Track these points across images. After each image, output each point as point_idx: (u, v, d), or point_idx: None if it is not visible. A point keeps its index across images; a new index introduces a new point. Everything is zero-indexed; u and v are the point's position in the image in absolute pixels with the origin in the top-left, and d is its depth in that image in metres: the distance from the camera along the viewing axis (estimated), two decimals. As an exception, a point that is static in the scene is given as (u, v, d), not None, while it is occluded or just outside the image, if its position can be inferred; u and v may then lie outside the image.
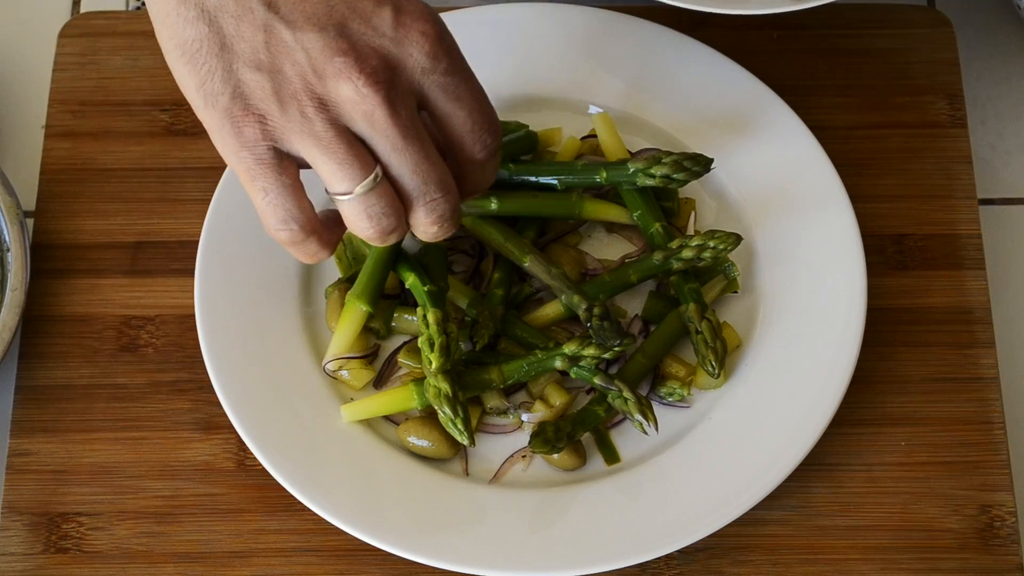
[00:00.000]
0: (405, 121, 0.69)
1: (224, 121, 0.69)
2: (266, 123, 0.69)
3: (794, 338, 0.87)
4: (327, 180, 0.70)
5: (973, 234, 0.93)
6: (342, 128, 0.69)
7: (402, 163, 0.70)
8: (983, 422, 0.88)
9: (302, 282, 0.89)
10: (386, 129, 0.68)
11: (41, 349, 0.89)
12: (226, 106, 0.69)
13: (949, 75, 0.97)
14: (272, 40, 0.68)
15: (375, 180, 0.69)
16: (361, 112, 0.68)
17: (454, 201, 0.72)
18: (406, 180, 0.70)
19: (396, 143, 0.69)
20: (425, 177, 0.70)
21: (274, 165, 0.70)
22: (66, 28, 0.98)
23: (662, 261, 0.87)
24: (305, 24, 0.68)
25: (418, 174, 0.70)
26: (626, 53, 0.94)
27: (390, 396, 0.85)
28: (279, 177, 0.70)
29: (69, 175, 0.94)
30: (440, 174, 0.71)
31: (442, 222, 0.72)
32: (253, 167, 0.70)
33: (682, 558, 0.84)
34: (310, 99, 0.68)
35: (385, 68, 0.68)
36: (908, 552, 0.85)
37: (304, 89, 0.68)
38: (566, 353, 0.83)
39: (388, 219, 0.71)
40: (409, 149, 0.69)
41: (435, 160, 0.70)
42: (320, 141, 0.68)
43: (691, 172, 0.87)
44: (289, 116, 0.68)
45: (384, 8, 0.68)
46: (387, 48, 0.68)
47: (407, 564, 0.83)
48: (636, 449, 0.86)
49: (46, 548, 0.84)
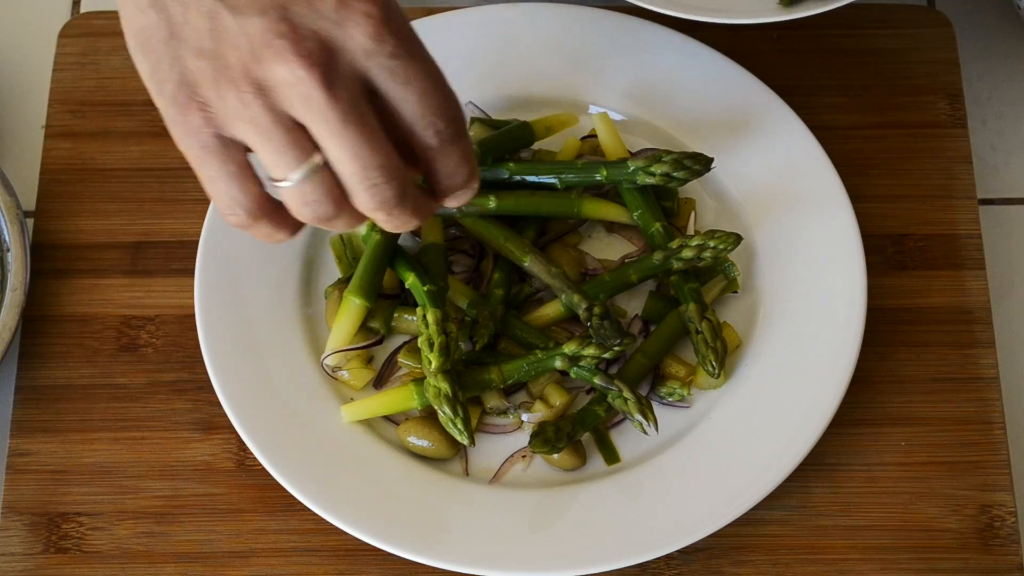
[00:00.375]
0: (344, 105, 0.67)
1: (170, 108, 0.69)
2: (207, 110, 0.68)
3: (794, 338, 0.87)
4: (267, 167, 0.69)
5: (973, 234, 0.93)
6: (280, 113, 0.67)
7: (340, 147, 0.68)
8: (983, 422, 0.88)
9: (302, 282, 0.89)
10: (323, 112, 0.67)
11: (41, 349, 0.89)
12: (172, 93, 0.68)
13: (949, 75, 0.97)
14: (216, 27, 0.67)
15: (313, 167, 0.68)
16: (297, 95, 0.66)
17: (398, 187, 0.69)
18: (344, 165, 0.68)
19: (333, 127, 0.67)
20: (365, 162, 0.68)
21: (218, 152, 0.69)
22: (66, 28, 0.98)
23: (662, 261, 0.87)
24: (248, 9, 0.67)
25: (358, 159, 0.68)
26: (626, 53, 0.94)
27: (390, 396, 0.85)
28: (223, 165, 0.69)
29: (69, 175, 0.94)
30: (383, 159, 0.68)
31: (387, 208, 0.70)
32: (198, 154, 0.69)
33: (682, 558, 0.84)
34: (248, 84, 0.67)
35: (323, 50, 0.66)
36: (908, 552, 0.85)
37: (243, 74, 0.67)
38: (566, 353, 0.83)
39: (325, 206, 0.69)
40: (348, 132, 0.67)
41: (377, 145, 0.68)
42: (257, 127, 0.67)
43: (691, 171, 0.87)
44: (228, 102, 0.67)
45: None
46: (327, 30, 0.66)
47: (407, 564, 0.83)
48: (636, 449, 0.86)
49: (46, 548, 0.84)
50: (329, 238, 0.90)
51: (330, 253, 0.90)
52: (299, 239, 0.89)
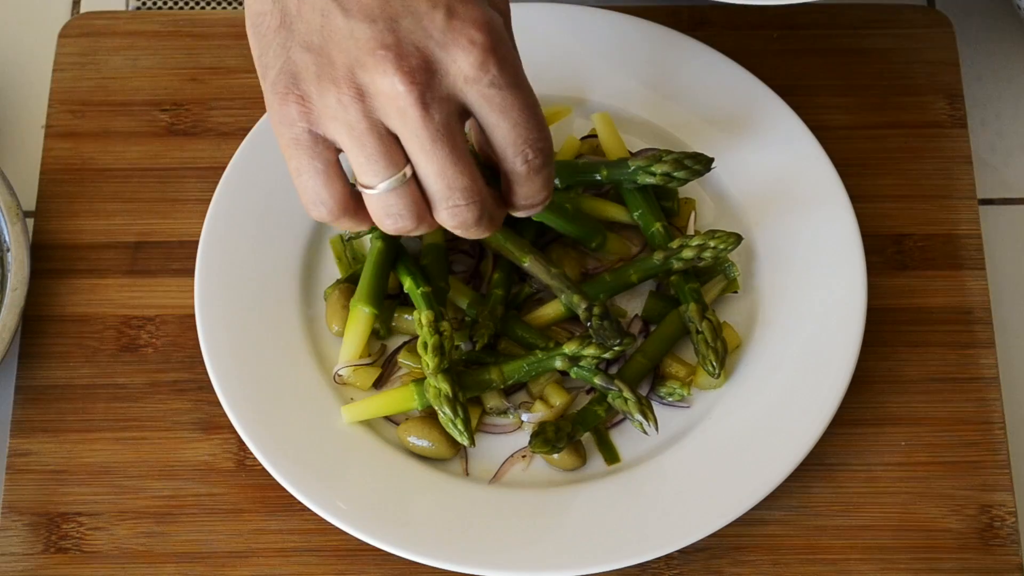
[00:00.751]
0: (437, 124, 0.69)
1: (270, 95, 0.71)
2: (305, 104, 0.70)
3: (794, 338, 0.87)
4: (355, 170, 0.71)
5: (973, 234, 0.93)
6: (375, 121, 0.69)
7: (428, 164, 0.70)
8: (983, 422, 0.88)
9: (302, 282, 0.89)
10: (416, 129, 0.69)
11: (41, 349, 0.89)
12: (273, 80, 0.70)
13: (949, 75, 0.97)
14: (327, 24, 0.69)
15: (401, 179, 0.70)
16: (395, 108, 0.68)
17: (478, 210, 0.72)
18: (431, 182, 0.71)
19: (424, 144, 0.69)
20: (450, 182, 0.70)
21: (309, 147, 0.71)
22: (66, 28, 0.98)
23: (662, 261, 0.87)
24: (359, 13, 0.68)
25: (443, 178, 0.70)
26: (626, 53, 0.94)
27: (390, 396, 0.85)
28: (312, 161, 0.71)
29: (69, 175, 0.94)
30: (467, 181, 0.71)
31: (465, 227, 0.73)
32: (289, 145, 0.71)
33: (682, 558, 0.84)
34: (349, 87, 0.68)
35: (424, 69, 0.68)
36: (908, 552, 0.85)
37: (346, 76, 0.68)
38: (566, 353, 0.83)
39: (406, 220, 0.72)
40: (437, 152, 0.69)
41: (464, 166, 0.70)
42: (352, 131, 0.69)
43: (692, 171, 0.87)
44: (326, 100, 0.69)
45: (438, 10, 0.68)
46: (431, 49, 0.68)
47: (407, 564, 0.83)
48: (636, 449, 0.86)
49: (46, 548, 0.84)
50: (329, 238, 0.90)
51: (330, 253, 0.90)
52: (299, 239, 0.89)
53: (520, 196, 0.75)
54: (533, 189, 0.74)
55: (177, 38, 0.97)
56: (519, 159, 0.72)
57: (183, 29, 0.98)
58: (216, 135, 0.94)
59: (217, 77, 0.96)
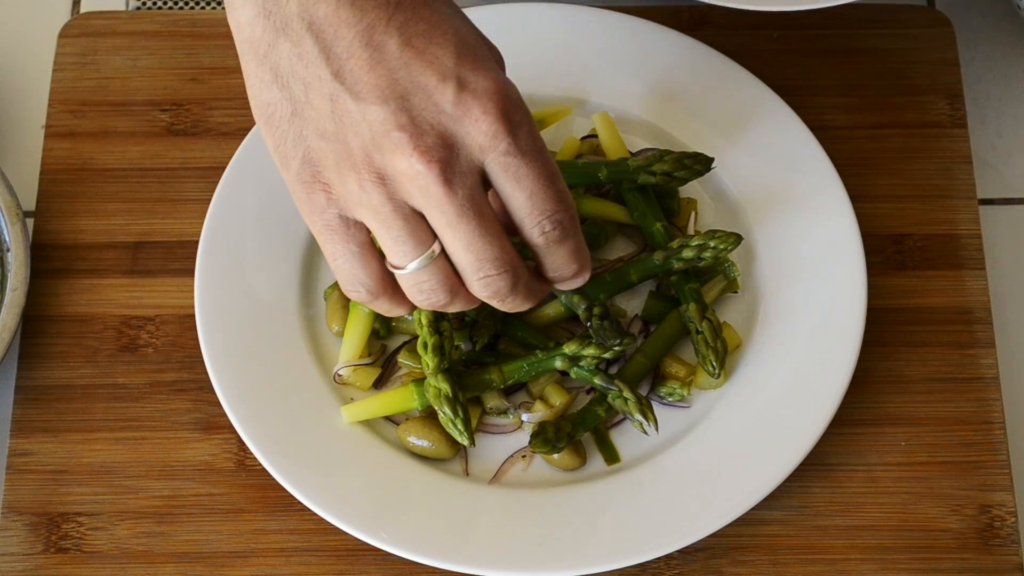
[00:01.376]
0: (461, 199, 0.68)
1: (296, 185, 0.71)
2: (331, 192, 0.70)
3: (794, 338, 0.87)
4: (385, 252, 0.71)
5: (973, 234, 0.93)
6: (400, 203, 0.69)
7: (455, 239, 0.70)
8: (983, 422, 0.88)
9: (302, 283, 0.89)
10: (441, 205, 0.68)
11: (41, 349, 0.89)
12: (297, 171, 0.70)
13: (949, 75, 0.97)
14: (337, 110, 0.68)
15: (429, 257, 0.70)
16: (417, 188, 0.68)
17: (510, 279, 0.72)
18: (460, 256, 0.71)
19: (450, 219, 0.69)
20: (479, 254, 0.70)
21: (342, 231, 0.71)
22: (66, 28, 0.98)
23: (662, 261, 0.87)
24: (369, 95, 0.67)
25: (472, 251, 0.70)
26: (626, 53, 0.94)
27: (390, 396, 0.85)
28: (346, 245, 0.72)
29: (69, 175, 0.94)
30: (496, 252, 0.70)
31: (500, 297, 0.73)
32: (323, 232, 0.72)
33: (682, 558, 0.84)
34: (369, 172, 0.68)
35: (442, 145, 0.68)
36: (908, 552, 0.85)
37: (364, 161, 0.68)
38: (566, 353, 0.83)
39: (439, 295, 0.72)
40: (463, 226, 0.69)
41: (492, 237, 0.70)
42: (377, 215, 0.69)
43: (692, 170, 0.87)
44: (348, 188, 0.69)
45: (448, 84, 0.68)
46: (445, 125, 0.68)
47: (407, 564, 0.83)
48: (636, 449, 0.86)
49: (46, 548, 0.84)
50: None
51: (330, 253, 0.90)
52: (299, 239, 0.89)
53: (548, 268, 0.74)
54: (557, 262, 0.74)
55: (177, 38, 0.97)
56: (536, 230, 0.72)
57: (183, 29, 0.98)
58: (216, 135, 0.94)
59: (217, 77, 0.96)
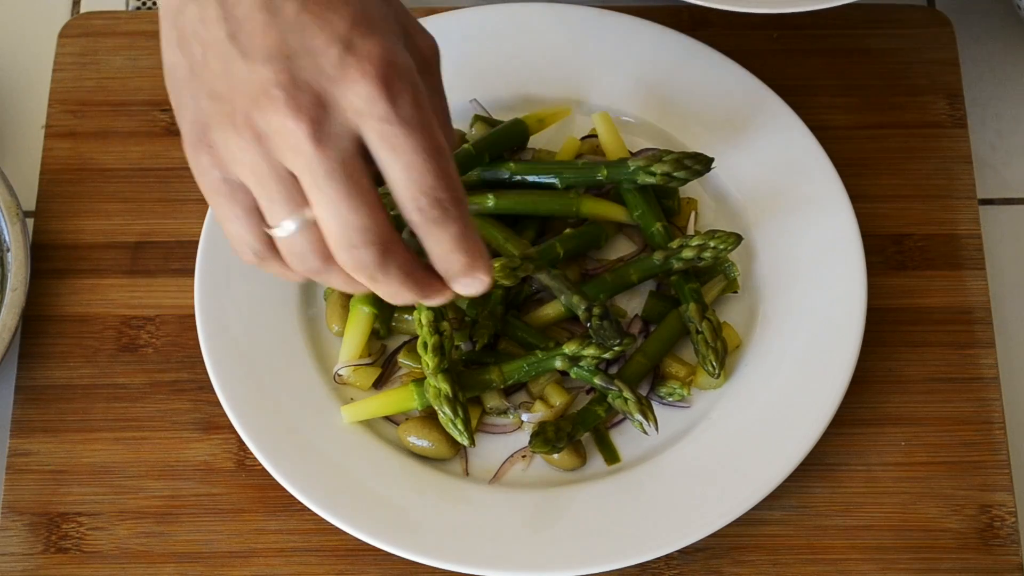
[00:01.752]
0: (331, 161, 0.66)
1: (186, 147, 0.69)
2: (215, 153, 0.68)
3: (794, 338, 0.87)
4: (263, 214, 0.69)
5: (973, 234, 0.93)
6: (275, 163, 0.67)
7: (321, 202, 0.67)
8: (983, 422, 0.88)
9: (302, 283, 0.89)
10: (310, 165, 0.66)
11: (41, 349, 0.89)
12: (187, 131, 0.69)
13: (949, 75, 0.97)
14: (228, 70, 0.67)
15: (301, 219, 0.67)
16: (289, 146, 0.66)
17: (377, 254, 0.67)
18: (327, 222, 0.67)
19: (317, 180, 0.66)
20: (344, 221, 0.66)
21: (227, 193, 0.69)
22: (66, 28, 0.98)
23: (662, 261, 0.87)
24: (257, 55, 0.66)
25: (338, 217, 0.67)
26: (626, 53, 0.94)
27: (390, 396, 0.85)
28: (231, 207, 0.69)
29: (69, 175, 0.94)
30: (363, 221, 0.66)
31: (367, 272, 0.68)
32: (209, 194, 0.69)
33: (682, 558, 0.84)
34: (248, 130, 0.66)
35: (315, 104, 0.66)
36: (908, 552, 0.85)
37: (245, 120, 0.67)
38: (566, 353, 0.83)
39: (311, 261, 0.68)
40: (330, 188, 0.66)
41: (361, 206, 0.66)
42: (254, 174, 0.67)
43: (692, 171, 0.87)
44: (230, 148, 0.67)
45: (334, 46, 0.66)
46: (323, 85, 0.66)
47: (407, 564, 0.83)
48: (636, 449, 0.86)
49: (46, 548, 0.84)
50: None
51: (330, 253, 0.90)
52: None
53: (434, 258, 0.69)
54: (441, 249, 0.68)
55: (177, 38, 0.97)
56: (411, 205, 0.67)
57: (183, 29, 0.98)
58: (216, 135, 0.94)
59: (217, 77, 0.96)
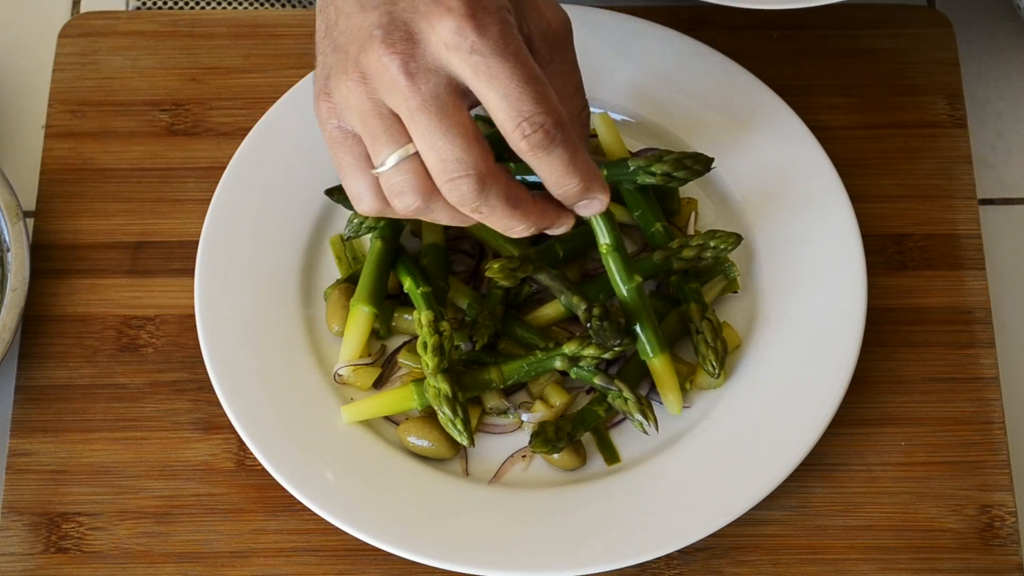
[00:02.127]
0: (424, 94, 0.68)
1: (313, 98, 0.73)
2: (331, 101, 0.71)
3: (794, 338, 0.87)
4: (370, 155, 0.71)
5: (973, 234, 0.93)
6: (378, 102, 0.69)
7: (418, 135, 0.69)
8: (983, 422, 0.88)
9: (302, 282, 0.89)
10: (405, 99, 0.68)
11: (41, 349, 0.89)
12: (317, 86, 0.72)
13: (949, 75, 0.97)
14: (348, 23, 0.70)
15: (403, 155, 0.69)
16: (386, 83, 0.69)
17: (475, 184, 0.69)
18: (427, 155, 0.69)
19: (412, 112, 0.68)
20: (442, 153, 0.68)
21: (341, 141, 0.72)
22: (66, 28, 0.98)
23: (662, 261, 0.87)
24: (370, 4, 0.70)
25: (435, 149, 0.68)
26: (626, 53, 0.94)
27: (390, 396, 0.85)
28: (345, 155, 0.72)
29: (69, 175, 0.94)
30: (460, 153, 0.68)
31: (468, 203, 0.70)
32: (328, 143, 0.73)
33: (682, 558, 0.84)
34: (355, 72, 0.69)
35: (406, 39, 0.68)
36: (908, 552, 0.85)
37: (353, 64, 0.70)
38: (566, 353, 0.83)
39: (410, 197, 0.70)
40: (424, 120, 0.68)
41: (457, 137, 0.68)
42: (359, 114, 0.70)
43: (692, 171, 0.87)
44: (342, 93, 0.70)
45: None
46: (415, 21, 0.68)
47: (407, 564, 0.83)
48: (636, 449, 0.86)
49: (46, 548, 0.84)
50: (329, 238, 0.90)
51: (330, 253, 0.90)
52: (299, 239, 0.89)
53: (548, 184, 0.71)
54: (553, 174, 0.71)
55: (177, 38, 0.97)
56: (516, 134, 0.69)
57: (183, 29, 0.98)
58: (216, 135, 0.94)
59: (217, 77, 0.96)
